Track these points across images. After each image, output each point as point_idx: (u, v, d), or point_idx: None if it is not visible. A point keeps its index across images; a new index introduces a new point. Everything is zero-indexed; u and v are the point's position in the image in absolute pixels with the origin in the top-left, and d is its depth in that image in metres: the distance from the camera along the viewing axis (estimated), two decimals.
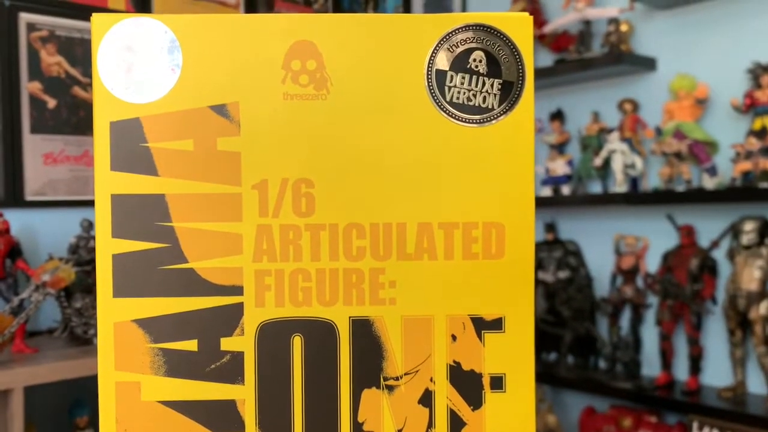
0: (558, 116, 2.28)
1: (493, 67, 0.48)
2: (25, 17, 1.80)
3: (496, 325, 0.49)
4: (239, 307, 0.48)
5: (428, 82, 0.48)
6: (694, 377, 2.00)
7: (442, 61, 0.48)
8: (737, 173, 1.88)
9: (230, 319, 0.48)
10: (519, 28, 0.48)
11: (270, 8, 2.14)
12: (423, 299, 0.48)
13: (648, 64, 2.10)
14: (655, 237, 2.11)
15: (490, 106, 0.48)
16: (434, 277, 0.48)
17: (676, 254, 2.03)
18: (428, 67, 0.47)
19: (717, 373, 2.02)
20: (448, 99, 0.48)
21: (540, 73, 2.22)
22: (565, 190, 2.21)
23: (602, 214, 2.25)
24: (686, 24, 2.07)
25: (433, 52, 0.47)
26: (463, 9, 2.62)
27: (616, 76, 2.19)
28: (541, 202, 2.26)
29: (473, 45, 0.48)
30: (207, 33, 0.47)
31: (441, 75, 0.48)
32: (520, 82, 0.48)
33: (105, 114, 0.47)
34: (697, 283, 1.98)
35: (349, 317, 0.48)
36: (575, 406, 2.27)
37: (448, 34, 0.47)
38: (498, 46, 0.48)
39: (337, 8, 2.28)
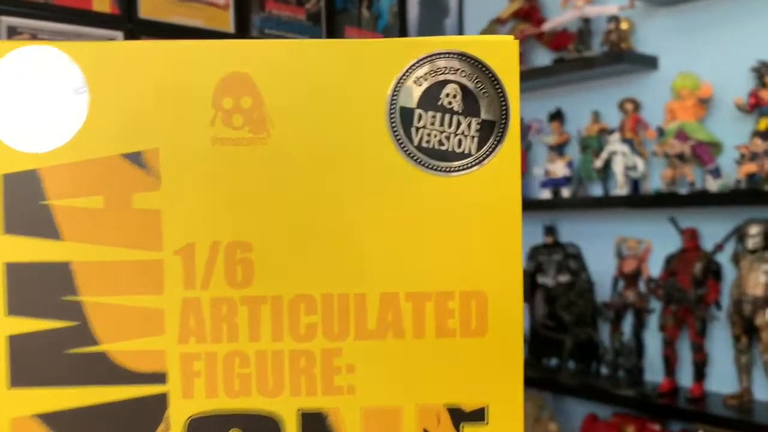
0: (557, 116, 2.17)
1: (471, 104, 0.38)
2: (5, 20, 1.70)
3: (478, 416, 0.39)
4: (163, 398, 0.38)
5: (391, 123, 0.38)
6: (699, 384, 1.90)
7: (408, 97, 0.38)
8: (742, 175, 1.78)
9: (152, 413, 0.38)
10: (501, 54, 0.38)
11: (261, 9, 2.04)
12: (388, 387, 0.39)
13: (649, 62, 1.99)
14: (658, 240, 2.01)
15: (467, 151, 0.38)
16: (401, 359, 0.39)
17: (679, 258, 1.93)
18: (391, 104, 0.38)
19: (722, 380, 1.92)
20: (415, 143, 0.38)
21: (539, 73, 2.12)
22: (565, 192, 2.11)
23: (603, 216, 2.15)
24: (688, 22, 1.96)
25: (396, 86, 0.38)
26: (460, 5, 2.51)
27: (616, 76, 2.08)
28: (540, 205, 2.15)
29: (445, 77, 0.38)
30: (119, 65, 0.38)
31: (407, 114, 0.38)
32: (503, 120, 0.38)
33: None
34: (701, 288, 1.89)
35: (298, 410, 0.39)
36: (577, 413, 2.18)
37: (414, 65, 0.38)
38: (476, 77, 0.38)
39: (330, 8, 2.17)
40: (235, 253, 0.38)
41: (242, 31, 1.98)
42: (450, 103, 0.38)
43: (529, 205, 2.18)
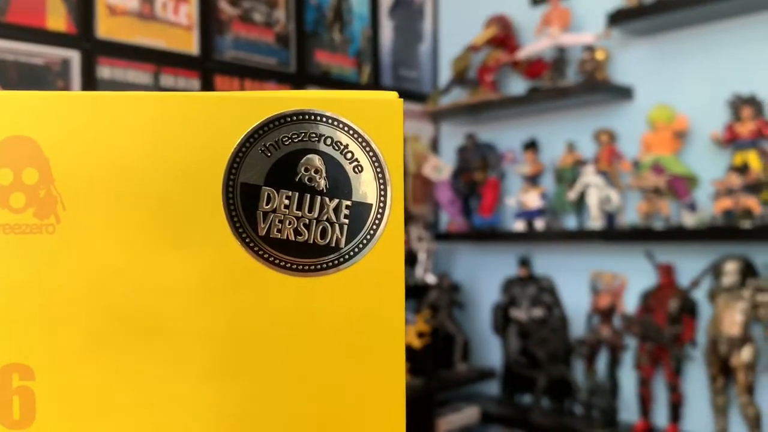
0: (532, 146, 2.08)
1: (339, 181, 0.27)
2: None
3: None
4: None
5: (229, 205, 0.27)
6: (674, 425, 1.80)
7: (253, 171, 0.27)
8: (718, 211, 1.69)
9: None
10: (382, 118, 0.27)
11: (227, 31, 1.94)
12: None
13: (625, 93, 1.90)
14: (634, 274, 1.91)
15: (333, 243, 0.27)
16: None
17: (655, 294, 1.83)
18: (228, 179, 0.27)
19: (698, 421, 1.82)
20: (261, 232, 0.27)
21: (513, 102, 2.03)
22: (539, 224, 2.01)
23: (578, 249, 2.05)
24: (665, 52, 1.87)
25: (237, 154, 0.27)
26: (435, 31, 2.42)
27: (592, 105, 1.99)
28: (513, 237, 2.05)
29: (305, 144, 0.27)
30: None
31: (250, 194, 0.27)
32: (382, 202, 0.28)
33: None
34: (677, 325, 1.79)
35: None
36: None
37: (263, 126, 0.27)
38: (345, 147, 0.27)
39: (300, 31, 2.08)
40: (11, 380, 0.27)
41: (207, 52, 1.88)
42: (311, 179, 0.27)
43: (503, 236, 2.08)
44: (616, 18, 1.80)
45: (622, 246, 1.95)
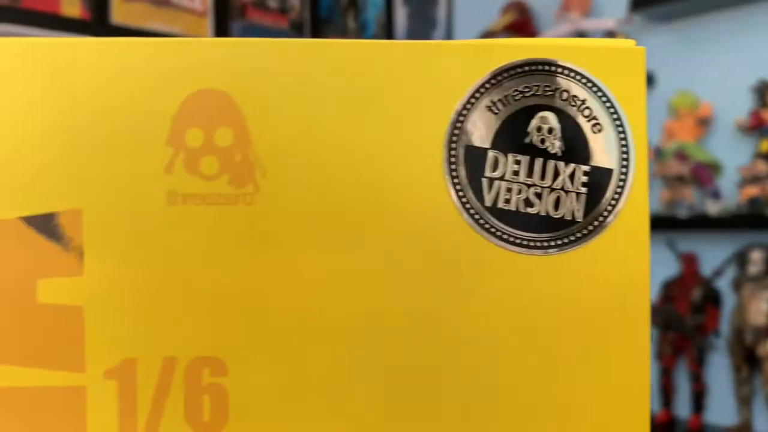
0: None
1: (576, 143, 0.24)
2: None
3: None
4: None
5: (451, 172, 0.23)
6: (697, 416, 1.78)
7: (479, 131, 0.23)
8: (743, 198, 1.66)
9: None
10: (623, 69, 0.24)
11: (241, 17, 1.89)
12: None
13: (647, 79, 1.87)
14: (655, 264, 1.88)
15: (569, 216, 0.24)
16: None
17: (677, 284, 1.81)
18: (450, 142, 0.23)
19: (721, 412, 1.80)
20: (488, 202, 0.23)
21: None
22: None
23: None
24: (688, 38, 1.84)
25: (459, 114, 0.23)
26: (449, 18, 2.38)
27: None
28: None
29: (538, 100, 0.23)
30: (22, 69, 0.23)
31: (476, 157, 0.23)
32: (625, 167, 0.24)
33: None
34: (700, 315, 1.77)
35: None
36: None
37: (488, 81, 0.23)
38: (584, 103, 0.23)
39: (315, 18, 2.03)
40: (201, 375, 0.23)
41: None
42: (543, 140, 0.23)
43: None
44: (639, 3, 1.77)
45: None
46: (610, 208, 0.24)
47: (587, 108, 0.24)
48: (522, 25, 2.03)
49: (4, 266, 0.23)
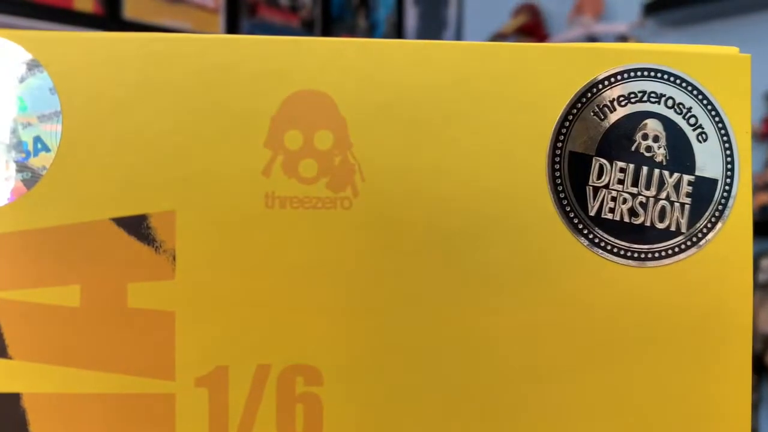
0: None
1: (681, 152, 0.23)
2: None
3: None
4: None
5: (554, 179, 0.23)
6: None
7: (583, 136, 0.23)
8: (756, 206, 1.66)
9: None
10: (728, 76, 0.23)
11: (252, 15, 1.88)
12: None
13: None
14: None
15: (673, 227, 0.23)
16: None
17: None
18: (555, 148, 0.23)
19: None
20: (592, 212, 0.23)
21: None
22: None
23: None
24: (700, 43, 1.84)
25: (564, 118, 0.23)
26: (459, 21, 2.38)
27: None
28: None
29: (644, 106, 0.23)
30: (116, 67, 0.22)
31: (580, 165, 0.23)
32: (729, 177, 0.23)
33: None
34: None
35: None
36: None
37: (595, 85, 0.23)
38: (689, 111, 0.23)
39: (326, 16, 2.02)
40: (294, 384, 0.22)
41: None
42: (648, 148, 0.23)
43: None
44: (653, 7, 1.77)
45: None
46: (714, 219, 0.23)
47: (693, 116, 0.23)
48: (533, 28, 2.03)
49: (93, 269, 0.22)
